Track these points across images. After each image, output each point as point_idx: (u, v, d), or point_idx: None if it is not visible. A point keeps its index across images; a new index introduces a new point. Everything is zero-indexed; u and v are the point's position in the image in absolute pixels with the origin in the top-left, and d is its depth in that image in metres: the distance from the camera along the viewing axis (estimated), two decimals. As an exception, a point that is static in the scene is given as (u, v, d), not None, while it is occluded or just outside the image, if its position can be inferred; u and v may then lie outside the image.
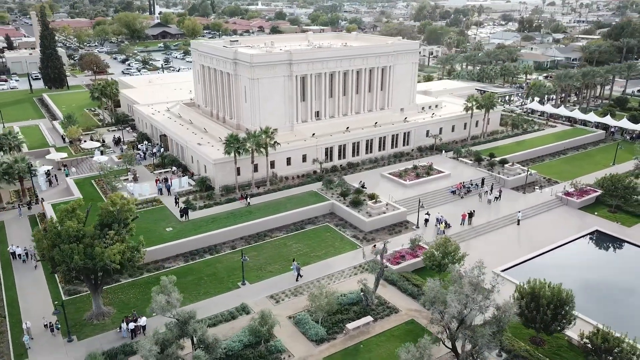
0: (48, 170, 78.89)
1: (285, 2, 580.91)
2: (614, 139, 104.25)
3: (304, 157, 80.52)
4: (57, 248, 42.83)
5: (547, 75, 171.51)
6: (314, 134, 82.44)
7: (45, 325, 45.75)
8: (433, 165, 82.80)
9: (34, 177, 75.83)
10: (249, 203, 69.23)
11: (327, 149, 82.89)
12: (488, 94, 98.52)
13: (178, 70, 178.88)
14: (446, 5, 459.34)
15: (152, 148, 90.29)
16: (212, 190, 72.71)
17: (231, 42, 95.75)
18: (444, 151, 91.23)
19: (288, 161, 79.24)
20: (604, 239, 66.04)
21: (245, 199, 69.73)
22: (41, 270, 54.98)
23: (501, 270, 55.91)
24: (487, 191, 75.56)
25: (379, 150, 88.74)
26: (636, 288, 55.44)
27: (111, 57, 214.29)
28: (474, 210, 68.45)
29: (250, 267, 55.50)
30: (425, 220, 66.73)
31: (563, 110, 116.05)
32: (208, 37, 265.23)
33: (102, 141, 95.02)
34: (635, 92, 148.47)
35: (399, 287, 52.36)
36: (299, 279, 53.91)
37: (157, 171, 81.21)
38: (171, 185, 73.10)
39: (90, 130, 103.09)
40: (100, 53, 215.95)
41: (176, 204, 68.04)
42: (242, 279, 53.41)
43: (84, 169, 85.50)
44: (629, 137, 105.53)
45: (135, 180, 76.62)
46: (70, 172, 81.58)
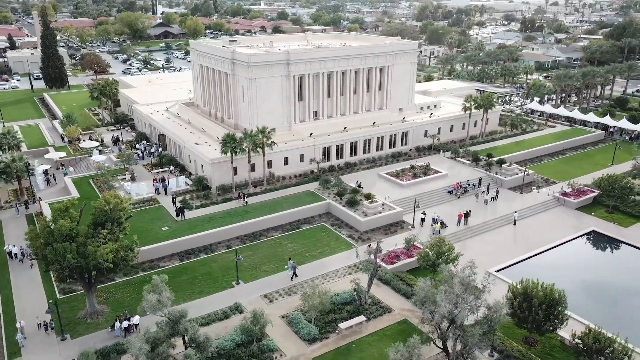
0: (46, 170, 79.20)
1: (288, 2, 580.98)
2: (613, 139, 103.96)
3: (301, 157, 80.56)
4: (50, 247, 43.02)
5: (547, 75, 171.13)
6: (311, 134, 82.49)
7: (39, 324, 45.89)
8: (430, 165, 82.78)
9: (32, 176, 76.26)
10: (246, 202, 69.37)
11: (324, 148, 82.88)
12: (487, 94, 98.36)
13: (179, 70, 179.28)
14: (449, 5, 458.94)
15: (150, 147, 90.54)
16: (209, 190, 72.87)
17: (230, 41, 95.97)
18: (442, 151, 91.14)
19: (285, 161, 79.30)
20: (600, 240, 65.92)
21: (243, 198, 69.89)
22: (37, 269, 55.15)
23: (496, 270, 55.92)
24: (483, 191, 75.52)
25: (376, 150, 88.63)
26: (631, 288, 55.30)
27: (113, 57, 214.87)
28: (470, 210, 68.40)
29: (245, 267, 55.63)
30: (422, 220, 66.76)
31: (562, 111, 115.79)
32: (210, 37, 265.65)
33: (101, 141, 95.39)
34: (635, 92, 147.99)
35: (392, 286, 52.41)
36: (294, 278, 54.00)
37: (154, 171, 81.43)
38: (168, 184, 73.32)
39: (89, 130, 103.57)
40: (102, 53, 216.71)
41: (173, 204, 68.21)
42: (237, 279, 53.54)
43: (82, 168, 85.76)
44: (628, 137, 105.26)
45: (132, 179, 76.87)
46: (68, 171, 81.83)
